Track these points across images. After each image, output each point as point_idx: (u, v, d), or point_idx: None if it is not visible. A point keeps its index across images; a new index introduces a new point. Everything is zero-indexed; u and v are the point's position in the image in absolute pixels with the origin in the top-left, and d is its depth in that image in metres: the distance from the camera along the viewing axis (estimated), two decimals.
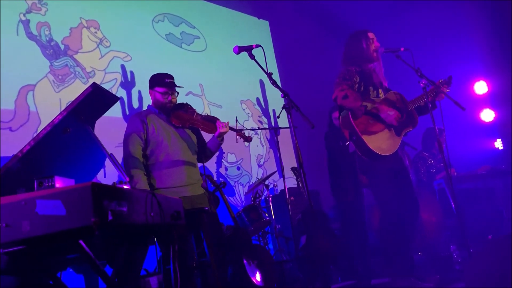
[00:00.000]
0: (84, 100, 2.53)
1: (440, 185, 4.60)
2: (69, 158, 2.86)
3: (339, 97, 3.29)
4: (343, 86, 3.29)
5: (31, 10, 4.50)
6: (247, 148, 6.34)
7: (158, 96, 3.16)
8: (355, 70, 3.40)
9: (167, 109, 3.17)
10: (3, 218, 1.43)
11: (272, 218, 4.91)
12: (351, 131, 3.30)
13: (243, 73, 6.46)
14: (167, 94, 3.14)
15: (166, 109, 3.17)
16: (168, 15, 5.96)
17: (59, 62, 4.59)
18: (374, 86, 3.47)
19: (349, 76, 3.35)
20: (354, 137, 3.28)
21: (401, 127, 3.42)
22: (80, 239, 1.51)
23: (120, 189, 1.61)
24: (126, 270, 2.01)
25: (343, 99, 3.27)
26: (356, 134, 3.25)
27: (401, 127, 3.43)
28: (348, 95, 3.26)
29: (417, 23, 7.15)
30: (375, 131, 3.34)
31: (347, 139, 3.40)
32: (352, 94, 3.27)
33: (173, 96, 3.18)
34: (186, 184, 3.06)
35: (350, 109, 3.29)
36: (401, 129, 3.43)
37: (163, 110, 3.18)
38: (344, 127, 3.36)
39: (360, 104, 3.27)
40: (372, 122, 3.36)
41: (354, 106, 3.28)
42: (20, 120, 4.16)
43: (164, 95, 3.14)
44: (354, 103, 3.27)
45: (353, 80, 3.35)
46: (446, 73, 4.33)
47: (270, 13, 7.66)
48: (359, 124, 3.29)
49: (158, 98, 3.16)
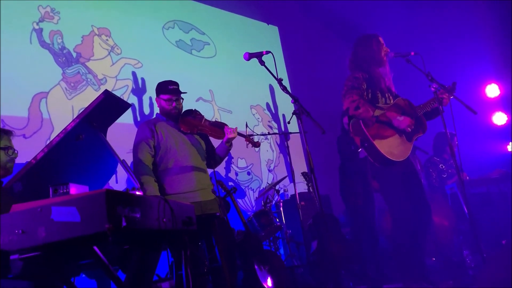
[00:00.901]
0: (97, 107, 2.56)
1: (453, 189, 4.56)
2: (82, 165, 2.89)
3: (351, 108, 3.30)
4: (354, 97, 3.29)
5: (44, 19, 4.57)
6: (257, 153, 6.35)
7: (163, 103, 3.19)
8: (362, 77, 3.40)
9: (173, 115, 3.19)
10: (20, 224, 1.46)
11: (283, 223, 4.90)
12: (362, 138, 3.31)
13: (253, 78, 6.48)
14: (171, 100, 3.17)
15: (172, 115, 3.19)
16: (178, 22, 6.01)
17: (71, 70, 4.65)
18: (382, 92, 3.46)
19: (357, 84, 3.36)
20: (366, 144, 3.28)
21: (411, 132, 3.42)
22: (94, 245, 1.53)
23: (133, 196, 1.63)
24: (139, 276, 2.02)
25: (355, 110, 3.28)
26: (368, 140, 3.25)
27: (412, 133, 3.42)
28: (359, 106, 3.27)
29: (427, 27, 7.12)
30: (387, 137, 3.34)
31: (358, 146, 3.40)
32: (363, 105, 3.28)
33: (178, 102, 3.20)
34: (196, 189, 3.08)
35: (361, 119, 3.30)
36: (412, 135, 3.43)
37: (169, 117, 3.20)
38: (355, 134, 3.36)
39: (372, 115, 3.29)
40: (383, 128, 3.36)
41: (366, 117, 3.29)
42: (34, 127, 4.22)
43: (169, 102, 3.17)
44: (366, 114, 3.29)
45: (361, 88, 3.35)
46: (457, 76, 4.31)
47: (279, 19, 7.69)
48: (371, 131, 3.29)
49: (163, 105, 3.19)
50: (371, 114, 3.28)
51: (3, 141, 2.41)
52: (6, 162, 2.41)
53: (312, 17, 8.10)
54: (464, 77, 6.42)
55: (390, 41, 3.64)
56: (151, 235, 1.99)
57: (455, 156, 3.14)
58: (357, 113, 3.29)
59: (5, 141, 2.43)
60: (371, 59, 3.47)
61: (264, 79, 6.71)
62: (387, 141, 3.32)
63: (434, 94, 3.26)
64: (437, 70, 3.77)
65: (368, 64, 3.47)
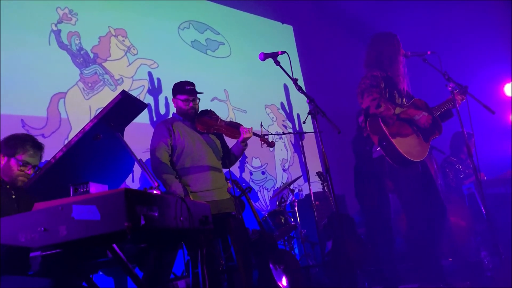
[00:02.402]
0: (114, 108, 2.60)
1: (470, 190, 4.51)
2: (99, 164, 2.94)
3: (372, 106, 3.27)
4: (374, 95, 3.27)
5: (62, 21, 4.65)
6: (271, 152, 6.36)
7: (180, 104, 3.22)
8: (380, 75, 3.38)
9: (189, 115, 3.22)
10: (42, 222, 1.49)
11: (297, 223, 4.90)
12: (381, 137, 3.29)
13: (267, 78, 6.49)
14: (188, 101, 3.20)
15: (189, 115, 3.22)
16: (193, 22, 6.05)
17: (89, 70, 4.72)
18: (399, 92, 3.44)
19: (376, 82, 3.33)
20: (384, 143, 3.26)
21: (428, 133, 3.40)
22: (113, 243, 1.56)
23: (151, 195, 1.66)
24: (156, 274, 2.05)
25: (376, 108, 3.25)
26: (387, 139, 3.23)
27: (429, 134, 3.40)
28: (381, 105, 3.24)
29: (443, 25, 7.03)
30: (405, 136, 3.33)
31: (374, 144, 3.39)
32: (385, 103, 3.26)
33: (195, 102, 3.23)
34: (212, 188, 3.10)
35: (382, 117, 3.28)
36: (429, 136, 3.41)
37: (186, 117, 3.23)
38: (373, 132, 3.34)
39: (393, 113, 3.26)
40: (402, 127, 3.34)
41: (387, 115, 3.26)
42: (52, 127, 4.29)
43: (186, 102, 3.20)
44: (387, 112, 3.27)
45: (380, 87, 3.33)
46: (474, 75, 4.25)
47: (294, 18, 7.68)
48: (390, 129, 3.27)
49: (181, 105, 3.22)
50: (392, 112, 3.26)
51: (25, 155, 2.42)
52: (16, 176, 2.40)
53: (327, 16, 8.06)
54: (482, 76, 6.34)
55: (406, 40, 3.61)
56: (168, 234, 2.01)
57: (472, 157, 3.11)
58: (378, 112, 3.27)
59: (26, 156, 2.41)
60: (389, 58, 3.45)
61: (278, 78, 6.70)
62: (405, 140, 3.30)
63: (451, 93, 3.23)
64: (454, 70, 3.73)
65: (386, 63, 3.45)
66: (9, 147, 2.39)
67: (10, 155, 2.38)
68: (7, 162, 2.38)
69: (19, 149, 2.40)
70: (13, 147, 2.39)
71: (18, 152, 2.40)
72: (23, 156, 2.41)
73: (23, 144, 2.44)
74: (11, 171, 2.38)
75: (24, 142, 2.45)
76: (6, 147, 2.39)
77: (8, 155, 2.38)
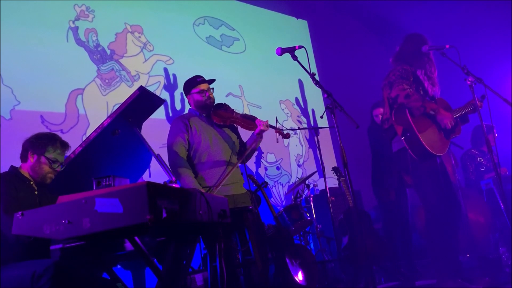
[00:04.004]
0: (132, 103, 2.62)
1: (488, 185, 4.45)
2: (118, 159, 2.97)
3: (401, 95, 3.28)
4: (404, 85, 3.28)
5: (79, 18, 4.70)
6: (286, 148, 6.36)
7: (197, 97, 3.22)
8: (410, 70, 3.40)
9: (208, 106, 3.22)
10: (65, 215, 1.52)
11: (313, 218, 4.90)
12: (406, 128, 3.30)
13: (282, 73, 6.48)
14: (204, 91, 3.21)
15: (207, 106, 3.22)
16: (208, 18, 6.07)
17: (106, 67, 4.77)
18: (424, 91, 3.45)
19: (406, 75, 3.35)
20: (408, 134, 3.28)
21: (449, 131, 3.42)
22: (135, 235, 1.58)
23: (172, 188, 1.68)
24: (176, 267, 2.08)
25: (405, 98, 3.27)
26: (412, 130, 3.25)
27: (450, 132, 3.42)
28: (410, 95, 3.26)
29: (461, 20, 6.94)
30: (428, 130, 3.34)
31: (395, 136, 3.39)
32: (414, 94, 3.27)
33: (210, 92, 3.24)
34: (229, 183, 3.11)
35: (409, 107, 3.29)
36: (449, 134, 3.43)
37: (205, 109, 3.23)
38: (397, 123, 3.34)
39: (421, 105, 3.27)
40: (426, 121, 3.35)
41: (415, 106, 3.28)
42: (71, 123, 4.36)
43: (202, 94, 3.20)
44: (415, 103, 3.28)
45: (410, 80, 3.34)
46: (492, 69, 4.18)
47: (308, 13, 7.64)
48: (415, 121, 3.29)
49: (198, 98, 3.22)
50: (420, 104, 3.27)
51: (55, 153, 2.47)
52: (47, 173, 2.45)
53: (342, 11, 8.01)
54: (499, 70, 6.25)
55: (424, 35, 3.58)
56: (188, 227, 2.03)
57: (492, 151, 3.07)
58: (406, 101, 3.28)
59: (56, 154, 2.46)
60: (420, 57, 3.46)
61: (293, 73, 6.70)
62: (428, 133, 3.32)
63: (470, 87, 3.19)
64: (471, 64, 3.69)
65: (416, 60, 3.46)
66: (39, 146, 2.43)
67: (40, 153, 2.43)
68: (37, 160, 2.42)
69: (49, 147, 2.45)
70: (43, 145, 2.43)
71: (48, 150, 2.44)
72: (53, 154, 2.45)
73: (53, 142, 2.48)
74: (42, 169, 2.42)
75: (53, 140, 2.49)
76: (36, 146, 2.43)
77: (38, 154, 2.43)
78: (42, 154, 2.43)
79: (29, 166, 2.43)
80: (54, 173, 2.47)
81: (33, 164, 2.42)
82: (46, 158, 2.43)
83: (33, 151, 2.43)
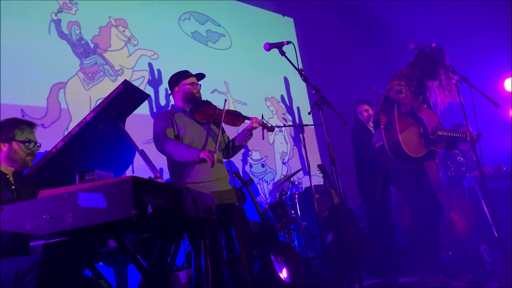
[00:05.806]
0: (116, 97, 2.57)
1: (470, 184, 4.51)
2: (100, 154, 2.92)
3: (393, 90, 3.34)
4: (401, 82, 3.32)
5: (62, 10, 4.60)
6: (271, 145, 6.35)
7: (188, 89, 3.17)
8: (418, 75, 3.42)
9: (197, 99, 3.18)
10: (47, 210, 1.47)
11: (298, 215, 4.90)
12: (389, 119, 3.33)
13: (268, 71, 6.47)
14: (195, 83, 3.19)
15: (196, 99, 3.18)
16: (194, 14, 6.01)
17: (89, 60, 4.68)
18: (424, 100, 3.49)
19: (410, 76, 3.38)
20: (389, 126, 3.31)
21: (430, 142, 3.44)
22: (120, 231, 1.54)
23: (158, 183, 1.64)
24: (160, 264, 2.04)
25: (397, 93, 3.30)
26: (393, 123, 3.28)
27: (430, 143, 3.44)
28: (402, 91, 3.29)
29: (446, 20, 7.02)
30: (410, 130, 3.36)
31: (374, 133, 3.42)
32: (406, 92, 3.30)
33: (199, 86, 3.23)
34: (214, 179, 3.08)
35: (398, 103, 3.32)
36: (429, 144, 3.45)
37: (192, 102, 3.18)
38: (384, 113, 3.38)
39: (409, 103, 3.30)
40: (411, 122, 3.38)
41: (403, 102, 3.31)
42: (52, 117, 4.26)
43: (193, 85, 3.18)
44: (405, 100, 3.33)
45: (412, 83, 3.37)
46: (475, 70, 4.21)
47: (294, 10, 7.64)
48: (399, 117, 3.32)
49: (188, 90, 3.17)
50: (409, 102, 3.31)
51: (24, 133, 2.38)
52: (25, 156, 2.35)
53: (328, 9, 8.03)
54: (482, 71, 6.33)
55: (409, 34, 3.61)
56: (173, 223, 2.00)
57: (476, 150, 3.11)
58: (397, 96, 3.32)
59: (26, 134, 2.37)
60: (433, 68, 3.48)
61: (279, 71, 6.69)
62: (408, 132, 3.35)
63: (455, 86, 3.23)
64: (455, 63, 3.73)
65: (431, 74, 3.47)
66: (5, 132, 2.33)
67: (10, 140, 2.33)
68: (10, 148, 2.32)
69: (16, 131, 2.34)
70: (9, 130, 2.33)
71: (17, 133, 2.34)
72: (23, 136, 2.35)
73: (18, 125, 2.37)
74: (17, 155, 2.32)
75: (18, 123, 2.39)
76: (2, 134, 2.33)
77: (8, 141, 2.33)
78: (13, 140, 2.33)
79: (4, 157, 2.32)
80: (33, 154, 2.38)
81: (7, 154, 2.32)
82: (18, 142, 2.33)
83: (1, 141, 2.33)
